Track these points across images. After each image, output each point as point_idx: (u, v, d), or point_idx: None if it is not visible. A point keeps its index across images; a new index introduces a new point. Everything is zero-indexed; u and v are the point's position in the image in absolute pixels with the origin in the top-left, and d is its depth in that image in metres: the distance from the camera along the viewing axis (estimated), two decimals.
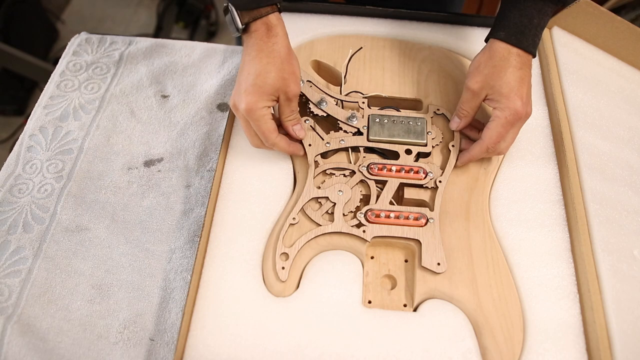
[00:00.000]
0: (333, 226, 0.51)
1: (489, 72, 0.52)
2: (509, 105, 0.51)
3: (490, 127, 0.52)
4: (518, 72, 0.51)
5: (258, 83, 0.50)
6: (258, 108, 0.51)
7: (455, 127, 0.56)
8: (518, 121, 0.52)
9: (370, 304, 0.49)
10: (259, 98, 0.50)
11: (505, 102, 0.51)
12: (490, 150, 0.53)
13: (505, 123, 0.51)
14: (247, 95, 0.50)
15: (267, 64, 0.50)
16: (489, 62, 0.52)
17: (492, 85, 0.52)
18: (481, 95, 0.53)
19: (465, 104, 0.54)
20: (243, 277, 0.49)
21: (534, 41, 0.52)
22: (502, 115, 0.51)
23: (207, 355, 0.45)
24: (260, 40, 0.51)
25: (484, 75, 0.52)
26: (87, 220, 0.56)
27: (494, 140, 0.52)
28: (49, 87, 0.68)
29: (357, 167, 0.54)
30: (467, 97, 0.54)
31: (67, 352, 0.48)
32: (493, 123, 0.52)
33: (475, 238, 0.51)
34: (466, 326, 0.47)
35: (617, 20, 0.64)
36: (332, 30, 0.68)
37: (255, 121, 0.51)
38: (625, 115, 0.63)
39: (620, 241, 0.52)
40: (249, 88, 0.50)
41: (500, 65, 0.51)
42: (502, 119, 0.51)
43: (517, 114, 0.51)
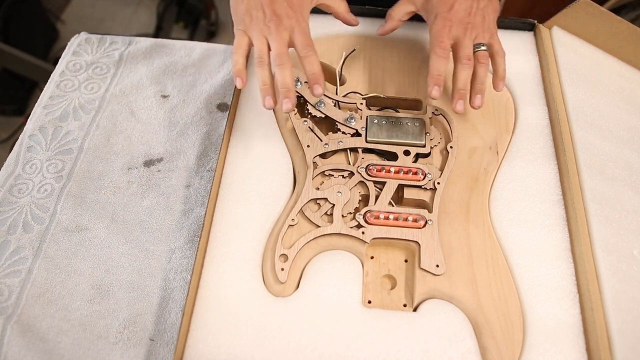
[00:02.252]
0: (332, 227, 0.51)
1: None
2: (436, 12, 0.54)
3: (430, 38, 0.54)
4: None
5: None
6: (306, 20, 0.51)
7: (380, 30, 0.59)
8: (450, 26, 0.53)
9: (370, 304, 0.49)
10: (303, 9, 0.52)
11: (433, 9, 0.54)
12: (440, 52, 0.52)
13: (437, 29, 0.53)
14: (292, 7, 0.50)
15: None
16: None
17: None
18: (415, 3, 0.56)
19: (396, 6, 0.58)
20: (243, 277, 0.49)
21: None
22: (432, 23, 0.54)
23: (207, 355, 0.45)
24: None
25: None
26: (87, 220, 0.56)
27: (435, 44, 0.52)
28: (49, 87, 0.68)
29: (355, 168, 0.54)
30: (401, 1, 0.58)
31: (67, 352, 0.48)
32: (430, 33, 0.54)
33: (475, 238, 0.51)
34: (466, 326, 0.47)
35: (617, 20, 0.64)
36: (332, 30, 0.68)
37: (302, 34, 0.50)
38: (625, 115, 0.63)
39: (620, 241, 0.52)
40: (294, 0, 0.51)
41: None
42: (434, 27, 0.53)
43: (445, 18, 0.53)
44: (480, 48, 0.54)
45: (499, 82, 0.55)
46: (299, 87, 0.58)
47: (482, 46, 0.54)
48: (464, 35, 0.53)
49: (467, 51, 0.53)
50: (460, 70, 0.53)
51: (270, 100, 0.50)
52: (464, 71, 0.53)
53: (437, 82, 0.52)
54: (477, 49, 0.54)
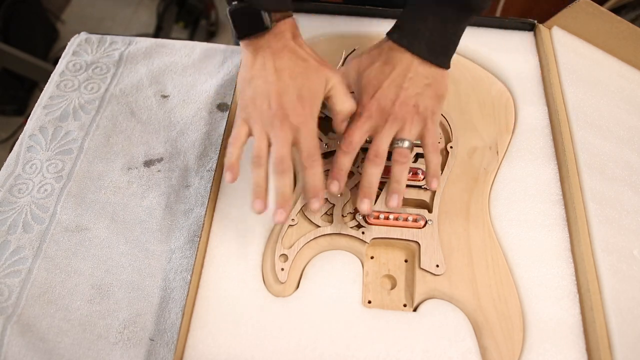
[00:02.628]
0: (332, 227, 0.51)
1: (365, 61, 0.49)
2: (359, 96, 0.48)
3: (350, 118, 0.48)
4: (382, 67, 0.48)
5: (309, 84, 0.45)
6: (314, 118, 0.45)
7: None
8: (368, 116, 0.47)
9: (370, 304, 0.49)
10: (314, 105, 0.45)
11: (359, 92, 0.48)
12: (345, 147, 0.47)
13: (354, 117, 0.48)
14: (302, 101, 0.44)
15: (306, 70, 0.45)
16: (373, 56, 0.49)
17: (359, 73, 0.49)
18: (348, 75, 0.50)
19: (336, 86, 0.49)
20: (243, 277, 0.49)
21: (429, 47, 0.47)
22: (357, 102, 0.48)
23: (207, 355, 0.45)
24: (291, 41, 0.46)
25: (359, 60, 0.50)
26: (87, 220, 0.56)
27: (344, 137, 0.47)
28: (49, 87, 0.68)
29: (355, 168, 0.54)
30: (340, 69, 0.51)
31: (67, 352, 0.48)
32: (353, 116, 0.48)
33: (475, 238, 0.51)
34: (466, 326, 0.47)
35: (617, 20, 0.64)
36: (332, 30, 0.68)
37: (309, 134, 0.45)
38: (625, 115, 0.63)
39: (620, 241, 0.52)
40: (303, 92, 0.45)
41: (376, 60, 0.48)
42: (358, 109, 0.48)
43: (363, 106, 0.47)
44: (398, 144, 0.47)
45: (431, 180, 0.49)
46: None
47: (404, 142, 0.47)
48: (383, 127, 0.46)
49: (376, 146, 0.46)
50: (366, 166, 0.47)
51: (261, 204, 0.45)
52: (369, 168, 0.47)
53: (337, 176, 0.47)
54: (395, 145, 0.47)
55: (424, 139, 0.48)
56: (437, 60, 0.48)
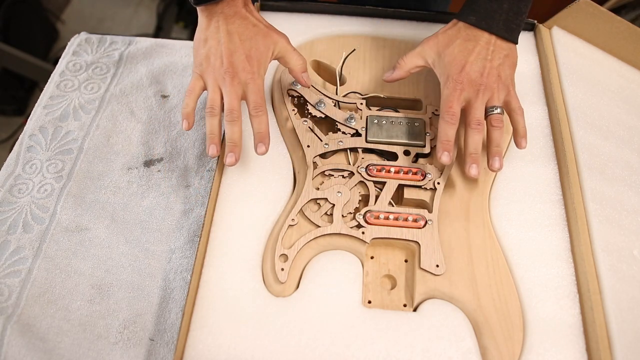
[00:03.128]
0: (332, 227, 0.51)
1: (443, 41, 0.53)
2: (447, 72, 0.52)
3: (441, 100, 0.52)
4: (465, 44, 0.52)
5: (256, 46, 0.51)
6: (261, 76, 0.51)
7: (387, 77, 0.56)
8: (461, 89, 0.51)
9: (370, 304, 0.49)
10: (261, 65, 0.51)
11: (445, 70, 0.52)
12: (449, 118, 0.51)
13: (447, 92, 0.51)
14: (250, 61, 0.50)
15: (256, 34, 0.52)
16: (450, 35, 0.53)
17: (439, 52, 0.53)
18: (426, 55, 0.54)
19: (407, 57, 0.55)
20: (243, 277, 0.49)
21: (506, 25, 0.52)
22: (443, 85, 0.52)
23: (207, 355, 0.45)
24: (242, 9, 0.52)
25: (437, 40, 0.54)
26: (87, 220, 0.56)
27: (444, 110, 0.51)
28: (49, 87, 0.68)
29: (355, 168, 0.54)
30: (413, 51, 0.55)
31: (67, 352, 0.48)
32: (441, 94, 0.52)
33: (475, 238, 0.51)
34: (466, 326, 0.47)
35: (617, 20, 0.64)
36: (332, 30, 0.68)
37: (256, 90, 0.50)
38: (625, 115, 0.63)
39: (620, 241, 0.52)
40: (251, 52, 0.50)
41: (454, 39, 0.53)
42: (444, 89, 0.52)
43: (455, 81, 0.51)
44: (494, 111, 0.52)
45: (520, 140, 0.53)
46: (299, 88, 0.58)
47: (496, 109, 0.52)
48: (476, 97, 0.51)
49: (477, 115, 0.51)
50: (469, 135, 0.51)
51: (215, 149, 0.51)
52: (474, 136, 0.51)
53: (446, 147, 0.51)
54: (490, 112, 0.52)
55: (509, 104, 0.53)
56: (512, 37, 0.53)
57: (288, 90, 0.59)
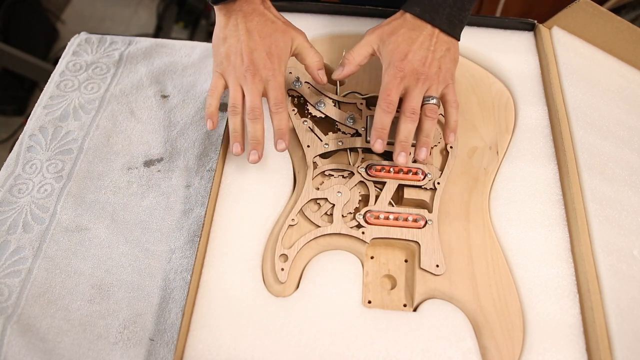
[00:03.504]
0: (332, 227, 0.51)
1: (388, 29, 0.53)
2: (389, 59, 0.51)
3: (381, 86, 0.52)
4: (409, 33, 0.52)
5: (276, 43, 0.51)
6: (282, 73, 0.51)
7: (337, 74, 0.55)
8: (402, 77, 0.50)
9: (370, 304, 0.49)
10: (281, 61, 0.52)
11: (387, 57, 0.52)
12: (385, 106, 0.50)
13: (388, 79, 0.51)
14: (271, 57, 0.51)
15: (275, 31, 0.52)
16: (395, 24, 0.53)
17: (383, 40, 0.53)
18: (371, 43, 0.54)
19: (354, 50, 0.54)
20: (243, 277, 0.49)
21: (449, 20, 0.52)
22: (385, 71, 0.52)
23: (207, 355, 0.45)
24: (260, 6, 0.52)
25: (381, 29, 0.54)
26: (87, 220, 0.56)
27: (382, 97, 0.50)
28: (49, 87, 0.68)
29: (355, 168, 0.54)
30: (358, 44, 0.54)
31: (67, 352, 0.48)
32: (382, 81, 0.52)
33: (475, 238, 0.51)
34: (466, 326, 0.47)
35: (617, 20, 0.64)
36: (332, 30, 0.68)
37: (277, 87, 0.51)
38: (625, 115, 0.63)
39: (620, 241, 0.52)
40: (271, 49, 0.51)
41: (399, 28, 0.53)
42: (385, 75, 0.51)
43: (396, 67, 0.50)
44: (429, 101, 0.52)
45: (449, 133, 0.54)
46: (299, 87, 0.58)
47: (432, 99, 0.52)
48: (415, 86, 0.51)
49: (413, 104, 0.50)
50: (402, 122, 0.51)
51: (239, 147, 0.52)
52: (406, 124, 0.50)
53: (380, 135, 0.50)
54: (426, 102, 0.52)
55: (445, 96, 0.54)
56: (454, 32, 0.53)
57: (288, 90, 0.59)
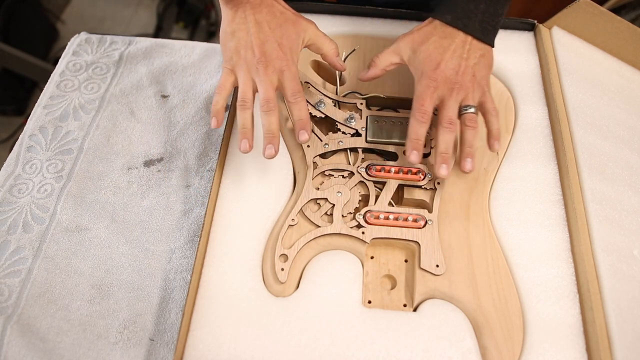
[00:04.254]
0: (332, 227, 0.51)
1: (418, 37, 0.52)
2: (421, 69, 0.51)
3: (414, 97, 0.51)
4: (441, 41, 0.51)
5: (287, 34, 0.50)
6: (295, 63, 0.50)
7: (362, 76, 0.55)
8: (435, 87, 0.50)
9: (370, 304, 0.49)
10: (293, 52, 0.50)
11: (419, 66, 0.51)
12: (419, 117, 0.49)
13: (421, 89, 0.50)
14: (282, 48, 0.49)
15: (285, 21, 0.51)
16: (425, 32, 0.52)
17: (414, 48, 0.52)
18: (401, 52, 0.53)
19: (382, 55, 0.54)
20: (243, 277, 0.49)
21: (482, 27, 0.51)
22: (417, 81, 0.51)
23: (207, 355, 0.45)
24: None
25: (412, 37, 0.53)
26: (87, 220, 0.56)
27: (416, 108, 0.50)
28: (49, 87, 0.68)
29: (355, 168, 0.54)
30: (388, 49, 0.54)
31: (67, 352, 0.48)
32: (415, 91, 0.51)
33: (475, 238, 0.51)
34: (466, 326, 0.47)
35: (617, 20, 0.64)
36: (332, 30, 0.68)
37: (291, 77, 0.50)
38: (625, 115, 0.63)
39: (620, 241, 0.52)
40: (282, 40, 0.50)
41: (430, 36, 0.52)
42: (418, 85, 0.51)
43: (429, 77, 0.50)
44: (467, 110, 0.50)
45: (493, 142, 0.52)
46: None
47: (470, 108, 0.50)
48: (450, 96, 0.50)
49: (450, 114, 0.50)
50: (441, 133, 0.50)
51: (247, 144, 0.49)
52: (444, 135, 0.50)
53: (415, 146, 0.50)
54: (464, 111, 0.51)
55: (484, 104, 0.52)
56: (487, 38, 0.52)
57: None
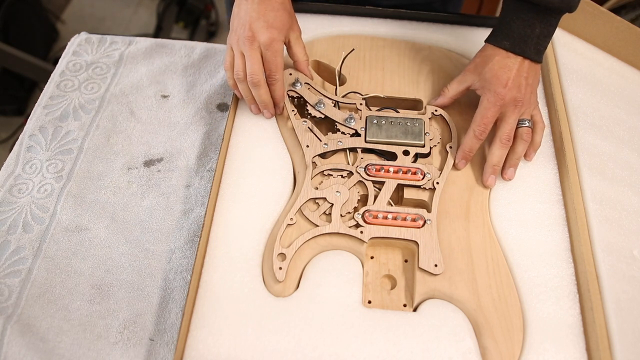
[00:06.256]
0: (331, 227, 0.51)
1: (480, 61, 0.56)
2: (489, 87, 0.54)
3: (476, 112, 0.55)
4: (504, 61, 0.54)
5: (279, 18, 0.55)
6: (279, 40, 0.55)
7: (432, 102, 0.59)
8: (502, 104, 0.53)
9: (370, 304, 0.49)
10: (280, 32, 0.55)
11: (487, 85, 0.54)
12: (479, 133, 0.53)
13: (487, 105, 0.54)
14: (269, 27, 0.54)
15: (281, 10, 0.56)
16: (487, 56, 0.56)
17: (479, 72, 0.55)
18: (467, 80, 0.57)
19: (450, 85, 0.58)
20: (243, 277, 0.49)
21: (537, 49, 0.54)
22: (484, 98, 0.54)
23: (207, 355, 0.45)
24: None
25: (474, 64, 0.56)
26: (87, 220, 0.56)
27: (477, 122, 0.54)
28: (49, 87, 0.68)
29: (354, 168, 0.54)
30: (456, 79, 0.58)
31: (67, 352, 0.48)
32: (478, 107, 0.55)
33: (475, 238, 0.51)
34: (466, 326, 0.47)
35: (617, 20, 0.64)
36: (332, 30, 0.68)
37: (273, 53, 0.54)
38: (625, 115, 0.63)
39: (620, 241, 0.52)
40: (272, 21, 0.54)
41: (493, 57, 0.55)
42: (484, 101, 0.54)
43: (498, 95, 0.53)
44: (524, 124, 0.54)
45: (531, 152, 0.56)
46: (299, 88, 0.58)
47: (527, 122, 0.54)
48: (512, 112, 0.54)
49: (508, 130, 0.53)
50: (497, 148, 0.53)
51: (256, 107, 0.58)
52: (500, 150, 0.54)
53: (466, 157, 0.55)
54: (521, 125, 0.54)
55: (534, 117, 0.56)
56: (540, 58, 0.55)
57: (288, 90, 0.59)
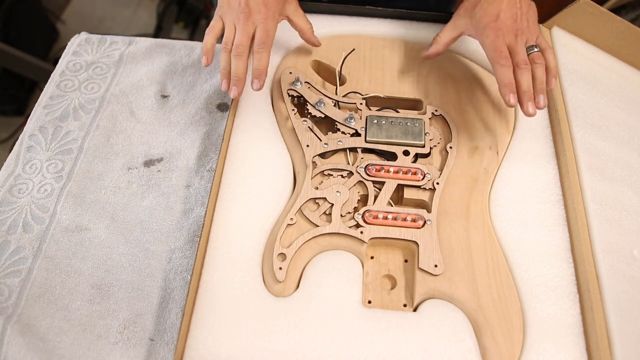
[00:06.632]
0: (331, 227, 0.51)
1: (469, 4, 0.57)
2: (483, 25, 0.55)
3: (486, 53, 0.55)
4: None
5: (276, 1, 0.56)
6: (274, 19, 0.56)
7: (424, 54, 0.60)
8: (502, 34, 0.54)
9: (370, 304, 0.49)
10: (276, 10, 0.56)
11: (480, 24, 0.55)
12: (504, 61, 0.53)
13: (491, 40, 0.54)
14: (265, 4, 0.55)
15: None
16: (474, 1, 0.57)
17: (469, 14, 0.57)
18: (458, 24, 0.58)
19: (442, 32, 0.59)
20: (243, 277, 0.49)
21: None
22: (483, 37, 0.55)
23: (207, 355, 0.45)
24: None
25: (464, 7, 0.58)
26: (87, 220, 0.56)
27: (494, 55, 0.54)
28: (49, 87, 0.68)
29: (355, 168, 0.54)
30: (446, 26, 0.59)
31: (67, 352, 0.48)
32: (485, 49, 0.55)
33: (475, 238, 0.51)
34: (466, 326, 0.47)
35: (617, 20, 0.64)
36: (332, 30, 0.68)
37: (266, 31, 0.55)
38: (625, 115, 0.63)
39: (620, 241, 0.52)
40: (269, 2, 0.55)
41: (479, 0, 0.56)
42: (486, 41, 0.55)
43: (493, 28, 0.54)
44: (533, 50, 0.55)
45: (551, 79, 0.56)
46: (299, 87, 0.58)
47: (535, 48, 0.55)
48: (516, 41, 0.54)
49: (522, 56, 0.54)
50: (520, 74, 0.53)
51: (226, 84, 0.56)
52: (524, 74, 0.53)
53: (511, 89, 0.53)
54: (530, 52, 0.55)
55: (540, 44, 0.56)
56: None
57: (288, 90, 0.59)
